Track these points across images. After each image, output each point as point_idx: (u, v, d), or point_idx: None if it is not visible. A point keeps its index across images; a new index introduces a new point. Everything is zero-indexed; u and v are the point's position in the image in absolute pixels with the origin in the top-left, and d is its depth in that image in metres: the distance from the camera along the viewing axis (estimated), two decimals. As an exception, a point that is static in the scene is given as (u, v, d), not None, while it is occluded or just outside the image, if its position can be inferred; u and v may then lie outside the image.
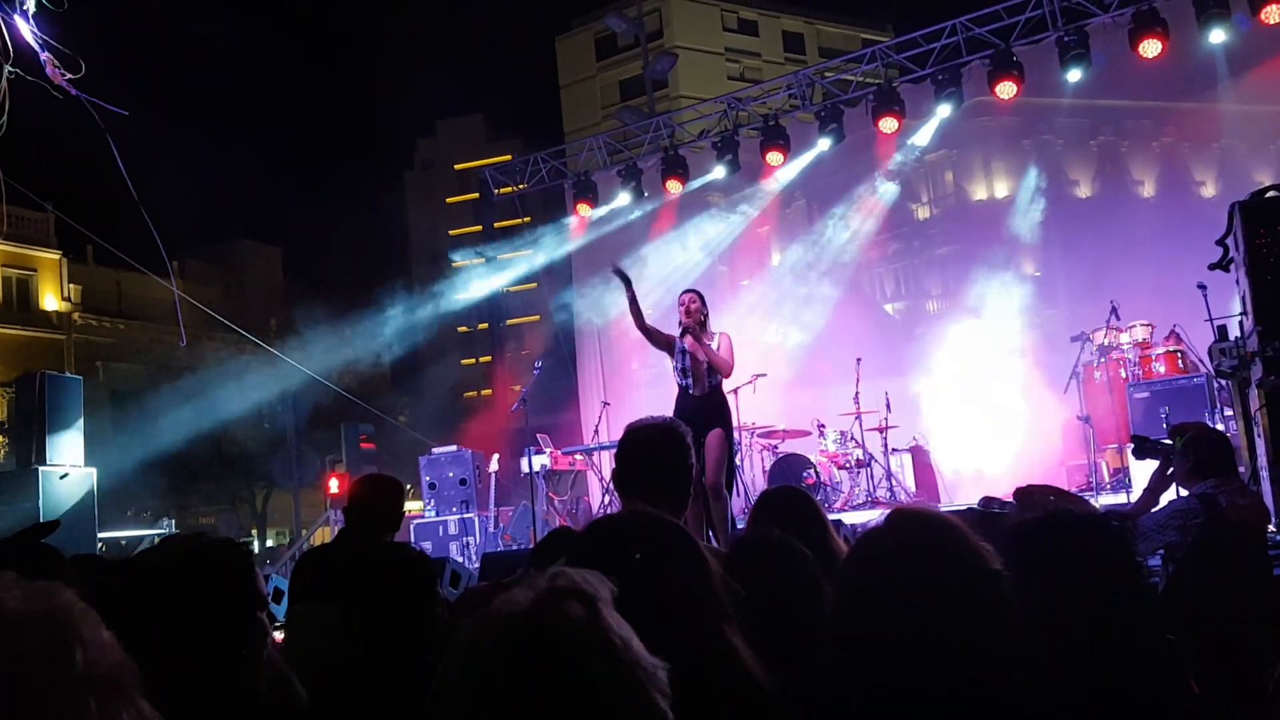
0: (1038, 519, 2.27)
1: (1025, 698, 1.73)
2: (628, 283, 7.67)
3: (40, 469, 8.91)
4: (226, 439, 31.76)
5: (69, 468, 9.20)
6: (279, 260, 42.49)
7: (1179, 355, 9.33)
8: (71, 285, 31.49)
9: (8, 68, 8.28)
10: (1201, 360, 8.80)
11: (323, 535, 16.85)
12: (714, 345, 7.54)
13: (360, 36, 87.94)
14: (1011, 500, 3.38)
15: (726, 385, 8.21)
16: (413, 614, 2.22)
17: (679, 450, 2.92)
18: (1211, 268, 6.89)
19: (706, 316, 7.67)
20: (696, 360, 7.57)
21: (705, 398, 7.50)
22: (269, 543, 29.03)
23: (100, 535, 9.85)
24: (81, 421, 9.71)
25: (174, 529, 13.56)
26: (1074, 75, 11.28)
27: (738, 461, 10.27)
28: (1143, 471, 8.22)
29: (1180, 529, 4.63)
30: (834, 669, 1.80)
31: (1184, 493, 4.92)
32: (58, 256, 31.20)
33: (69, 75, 8.07)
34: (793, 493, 3.21)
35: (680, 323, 7.60)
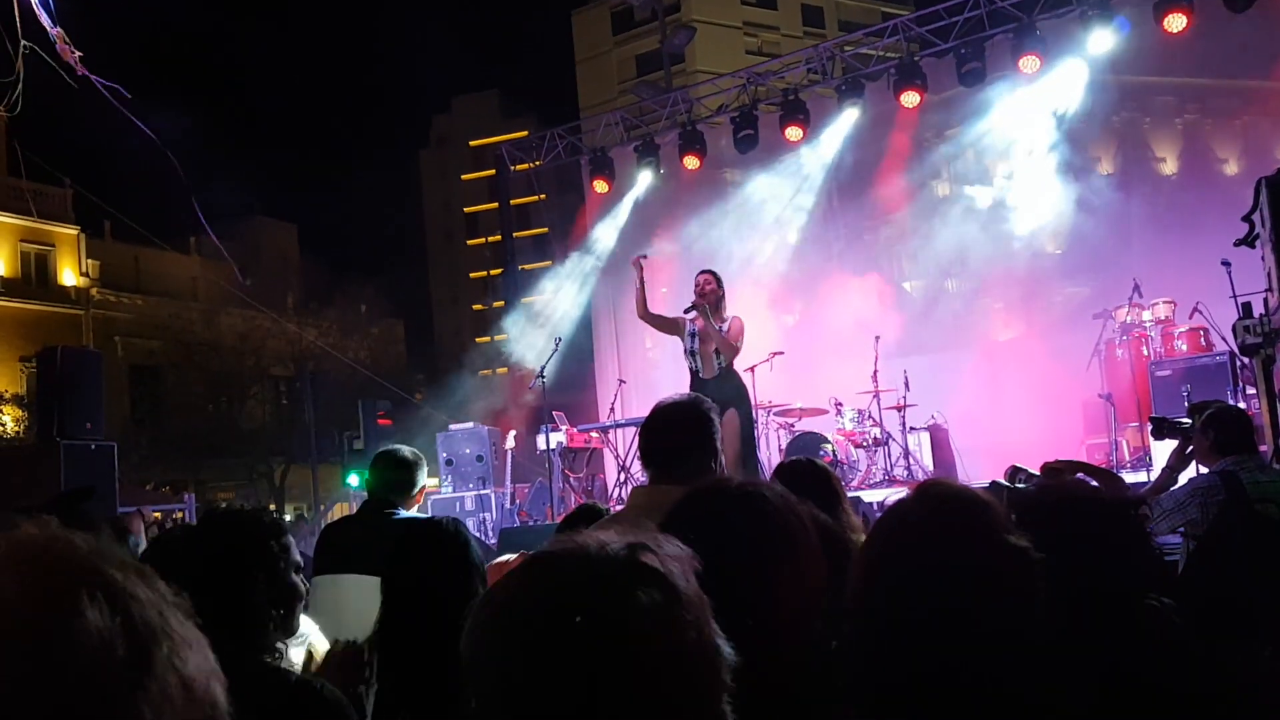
0: (1037, 496, 2.26)
1: (1048, 681, 1.72)
2: (639, 272, 7.77)
3: (62, 442, 8.96)
4: (244, 414, 32.01)
5: (89, 441, 9.26)
6: (295, 237, 42.54)
7: (1201, 333, 9.27)
8: (89, 260, 31.62)
9: (24, 43, 8.28)
10: (1225, 338, 8.73)
11: (341, 510, 16.94)
12: (724, 328, 7.53)
13: (375, 13, 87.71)
14: (1038, 473, 3.36)
15: (742, 363, 8.22)
16: (441, 584, 2.23)
17: (700, 425, 2.91)
18: (1237, 244, 6.83)
19: (721, 298, 7.67)
20: (705, 341, 7.58)
21: (717, 380, 7.50)
22: (287, 517, 29.23)
23: (121, 509, 9.93)
24: (102, 396, 9.76)
25: (195, 504, 13.66)
26: (1096, 44, 11.15)
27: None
28: (1164, 450, 8.17)
29: (1201, 506, 4.61)
30: (856, 645, 1.79)
31: (1204, 470, 4.90)
32: (76, 232, 31.32)
33: (79, 54, 8.07)
34: (809, 464, 3.20)
35: (693, 301, 7.61)
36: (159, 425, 29.84)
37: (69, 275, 31.12)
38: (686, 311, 7.63)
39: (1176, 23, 10.63)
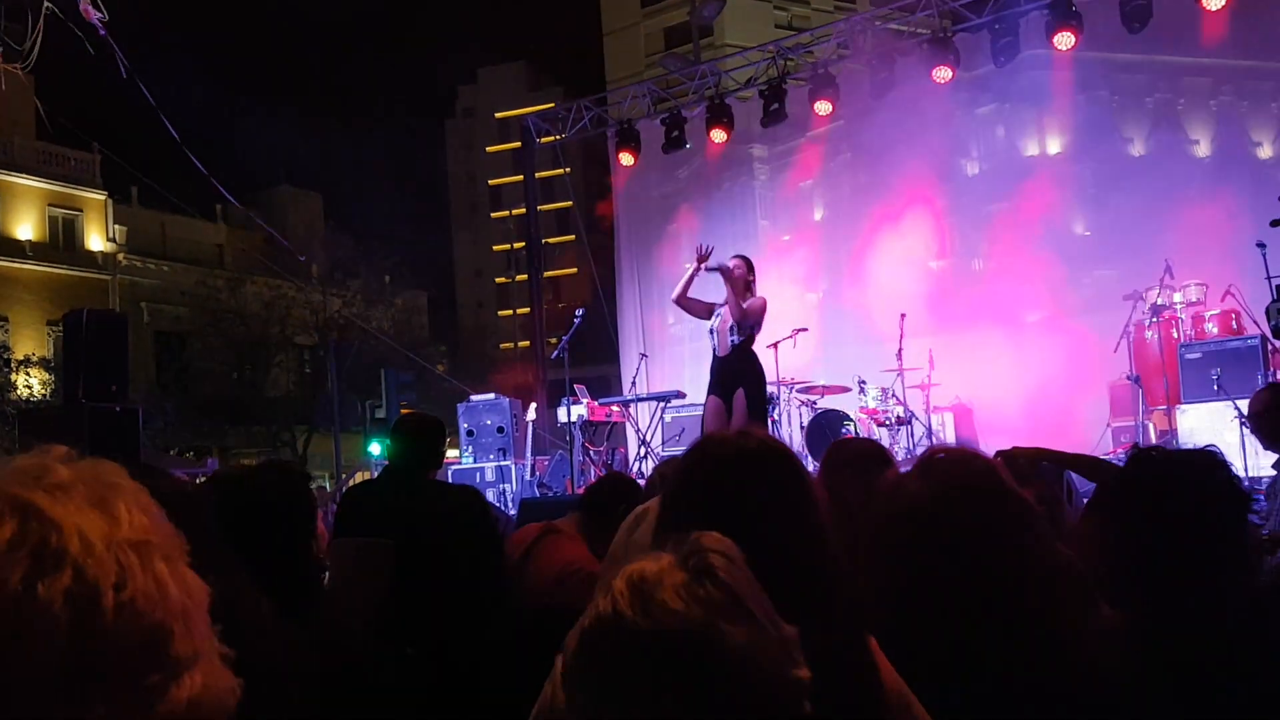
0: (1157, 455, 2.21)
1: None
2: (699, 262, 7.72)
3: (87, 405, 8.98)
4: (268, 382, 32.20)
5: (114, 404, 9.28)
6: (320, 206, 42.62)
7: (1233, 315, 9.14)
8: (117, 226, 31.77)
9: (46, 4, 8.27)
10: (1257, 321, 8.61)
11: (362, 479, 17.02)
12: (745, 305, 7.60)
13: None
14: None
15: (766, 339, 8.20)
16: (462, 549, 2.21)
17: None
18: (1274, 224, 6.72)
19: (750, 283, 7.74)
20: (724, 319, 7.64)
21: (729, 358, 7.56)
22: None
23: (145, 472, 9.98)
24: (127, 359, 9.78)
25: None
26: (1136, 26, 10.95)
27: (775, 417, 10.25)
28: (1190, 432, 8.09)
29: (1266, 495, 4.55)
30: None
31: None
32: (103, 197, 31.47)
33: (100, 16, 8.05)
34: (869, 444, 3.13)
35: (719, 265, 7.63)
36: (184, 391, 30.06)
37: (96, 240, 31.28)
38: (709, 270, 7.66)
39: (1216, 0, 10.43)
